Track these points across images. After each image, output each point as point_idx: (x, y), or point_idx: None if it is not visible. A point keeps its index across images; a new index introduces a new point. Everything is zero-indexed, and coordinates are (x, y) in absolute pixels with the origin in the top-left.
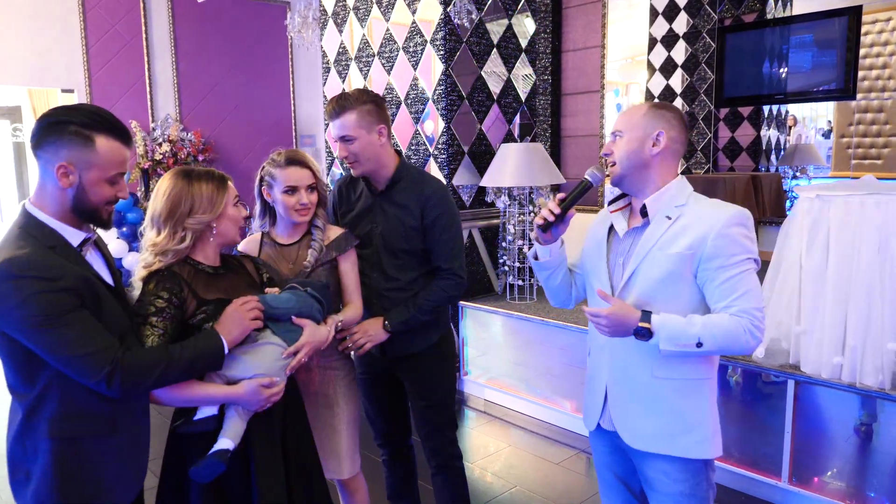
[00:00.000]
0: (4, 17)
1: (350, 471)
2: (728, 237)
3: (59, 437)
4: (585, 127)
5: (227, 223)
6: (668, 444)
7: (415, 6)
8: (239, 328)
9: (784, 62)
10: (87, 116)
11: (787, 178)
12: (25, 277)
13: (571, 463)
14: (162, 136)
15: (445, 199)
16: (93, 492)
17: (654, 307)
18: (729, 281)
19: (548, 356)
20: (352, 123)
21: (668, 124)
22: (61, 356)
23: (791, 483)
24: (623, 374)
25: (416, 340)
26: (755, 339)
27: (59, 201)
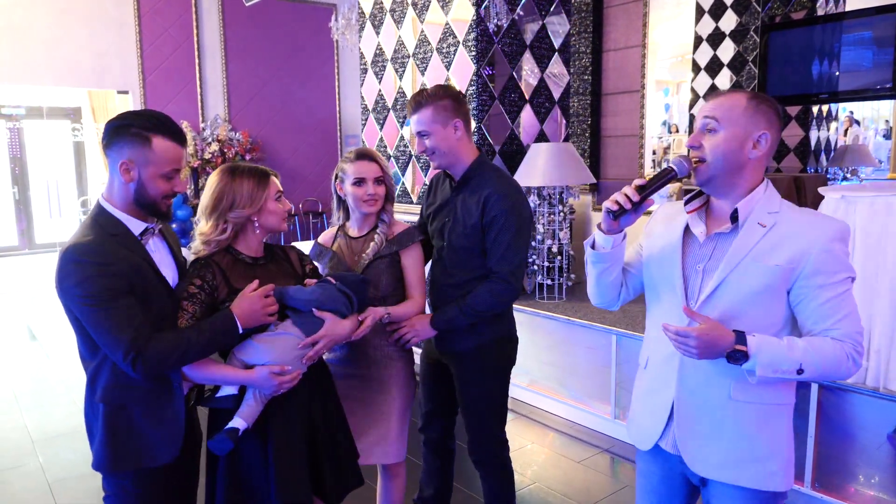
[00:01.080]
0: (65, 22)
1: (396, 456)
2: (832, 253)
3: (110, 403)
4: (626, 127)
5: (269, 216)
6: (737, 473)
7: (448, 7)
8: (251, 315)
9: (830, 60)
10: (146, 119)
11: (836, 179)
12: (84, 261)
13: (593, 462)
14: (211, 136)
15: (507, 201)
16: (137, 451)
17: (740, 324)
18: (831, 301)
19: (574, 355)
20: (427, 118)
21: (770, 124)
22: (100, 335)
23: (814, 489)
24: (695, 394)
25: (461, 339)
26: (857, 366)
27: (124, 195)
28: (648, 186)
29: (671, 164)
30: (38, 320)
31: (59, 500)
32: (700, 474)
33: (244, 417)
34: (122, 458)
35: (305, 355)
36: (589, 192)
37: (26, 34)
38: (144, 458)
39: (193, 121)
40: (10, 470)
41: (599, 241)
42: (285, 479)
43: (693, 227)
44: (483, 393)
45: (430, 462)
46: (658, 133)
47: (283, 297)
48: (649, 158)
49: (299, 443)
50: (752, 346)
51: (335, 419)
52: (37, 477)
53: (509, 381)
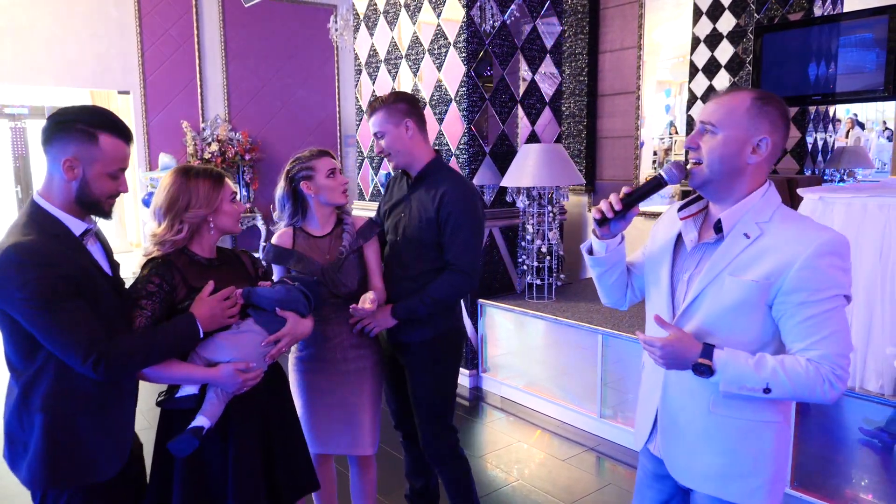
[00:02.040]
0: (67, 22)
1: (370, 447)
2: (816, 269)
3: (51, 413)
4: (622, 128)
5: (224, 217)
6: (718, 487)
7: (440, 8)
8: (212, 318)
9: (824, 62)
10: (92, 115)
11: (833, 181)
12: (27, 263)
13: (578, 460)
14: (211, 136)
15: (461, 198)
16: (80, 465)
17: (717, 338)
18: (811, 319)
19: (563, 355)
20: (381, 120)
21: (773, 127)
22: (53, 339)
23: (793, 488)
24: (677, 404)
25: (412, 330)
26: (834, 390)
27: (65, 193)
28: (634, 195)
29: (661, 171)
30: None
31: None
32: (683, 484)
33: (208, 416)
34: (63, 474)
35: (268, 353)
36: (584, 192)
37: (28, 34)
38: (86, 473)
39: (194, 121)
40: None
41: (595, 247)
42: (243, 483)
43: (685, 234)
44: (435, 383)
45: (413, 456)
46: (659, 134)
47: (251, 296)
48: (650, 160)
49: (256, 446)
50: (717, 361)
51: (290, 422)
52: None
53: (458, 373)
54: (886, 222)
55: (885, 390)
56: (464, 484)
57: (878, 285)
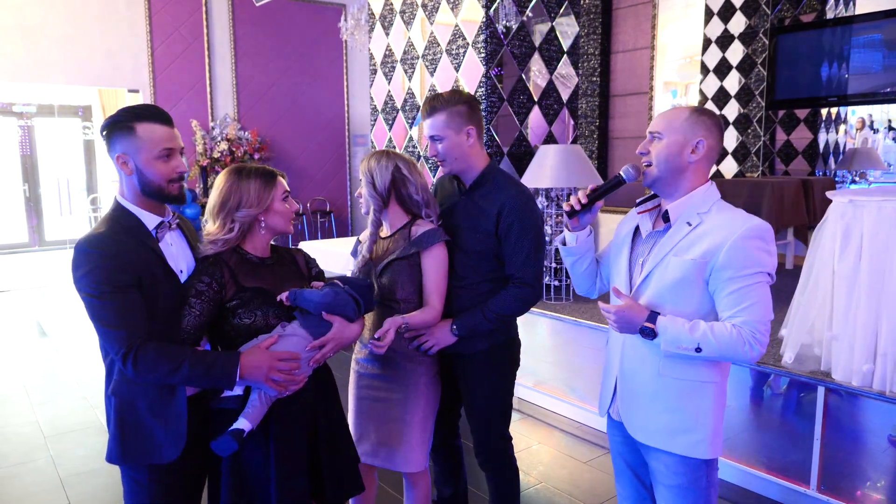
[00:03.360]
0: (77, 21)
1: (418, 465)
2: (742, 249)
3: (119, 397)
4: (634, 128)
5: (275, 217)
6: (668, 441)
7: (458, 8)
8: (257, 371)
9: (839, 63)
10: (127, 111)
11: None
12: (92, 252)
13: (599, 462)
14: (220, 135)
15: (522, 208)
16: (143, 446)
17: (664, 309)
18: (737, 292)
19: (581, 356)
20: (440, 124)
21: (708, 132)
22: (99, 326)
23: (820, 491)
24: (632, 369)
25: (472, 342)
26: (754, 351)
27: (131, 188)
28: (598, 191)
29: (621, 171)
30: (48, 316)
31: (70, 495)
32: (638, 440)
33: (249, 419)
34: (130, 452)
35: (312, 358)
36: None
37: (38, 33)
38: (150, 454)
39: (203, 120)
40: (22, 465)
41: (567, 238)
42: (285, 484)
43: (641, 225)
44: (493, 394)
45: (441, 463)
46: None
47: (297, 298)
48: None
49: (301, 447)
50: (659, 325)
51: (337, 425)
52: (48, 472)
53: (514, 382)
54: None
55: None
56: (512, 492)
57: None
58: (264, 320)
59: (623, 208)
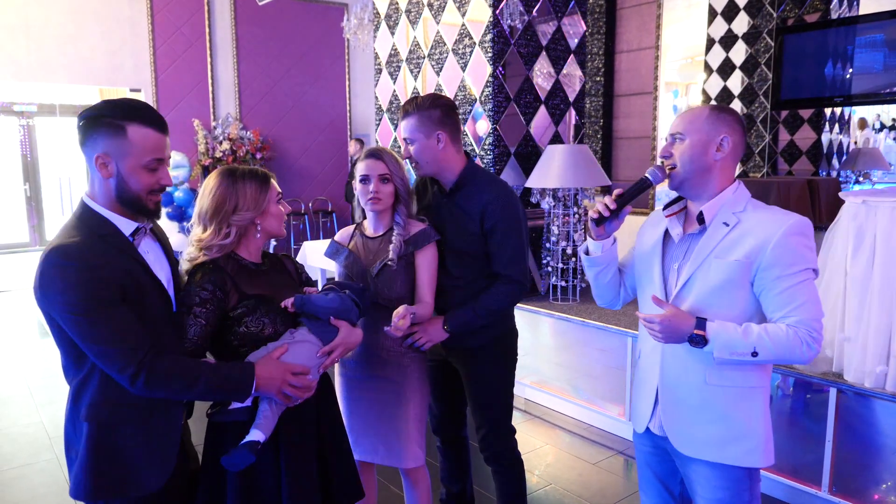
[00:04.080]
0: (79, 20)
1: (414, 461)
2: (787, 247)
3: (95, 422)
4: (638, 128)
5: (271, 219)
6: (718, 452)
7: (464, 8)
8: (270, 383)
9: (845, 63)
10: (118, 108)
11: (849, 182)
12: (71, 265)
13: (608, 464)
14: (222, 135)
15: (505, 207)
16: (123, 475)
17: (708, 314)
18: (787, 291)
19: (589, 358)
20: (411, 126)
21: (730, 129)
22: (94, 346)
23: (832, 493)
24: (675, 380)
25: (472, 337)
26: (812, 350)
27: (105, 192)
28: (626, 195)
29: (646, 173)
30: None
31: None
32: (685, 454)
33: (262, 429)
34: (104, 486)
35: (322, 364)
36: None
37: (40, 32)
38: (129, 485)
39: (205, 119)
40: (27, 465)
41: (591, 248)
42: (298, 491)
43: (671, 229)
44: (495, 387)
45: (450, 460)
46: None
47: (305, 304)
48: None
49: (310, 453)
50: (710, 331)
51: (339, 428)
52: (53, 472)
53: (515, 372)
54: None
55: None
56: (518, 485)
57: None
58: (273, 327)
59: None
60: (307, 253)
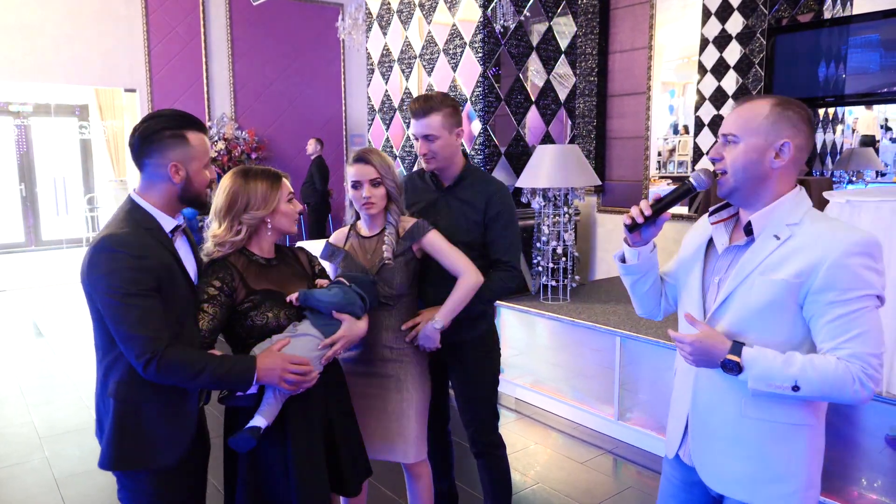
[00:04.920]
0: (74, 20)
1: (416, 456)
2: (846, 268)
3: (121, 399)
4: (631, 129)
5: (281, 218)
6: (750, 492)
7: (455, 8)
8: (271, 373)
9: (836, 63)
10: (174, 120)
11: (841, 183)
12: (119, 252)
13: (596, 463)
14: (218, 135)
15: (507, 198)
16: (144, 450)
17: (748, 338)
18: (841, 318)
19: (579, 357)
20: (437, 124)
21: (794, 130)
22: (119, 330)
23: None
24: (708, 408)
25: (462, 330)
26: (866, 390)
27: (167, 193)
28: (664, 200)
29: (690, 177)
30: (45, 317)
31: (65, 495)
32: (714, 489)
33: (265, 416)
34: (127, 458)
35: (324, 356)
36: (594, 193)
37: (36, 32)
38: (149, 458)
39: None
40: (18, 465)
41: (627, 255)
42: (305, 480)
43: (716, 238)
44: (486, 381)
45: (437, 456)
46: (664, 135)
47: (308, 299)
48: (654, 160)
49: (318, 441)
50: (745, 358)
51: (349, 415)
52: (43, 472)
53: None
54: None
55: None
56: (506, 475)
57: None
58: (276, 321)
59: (625, 209)
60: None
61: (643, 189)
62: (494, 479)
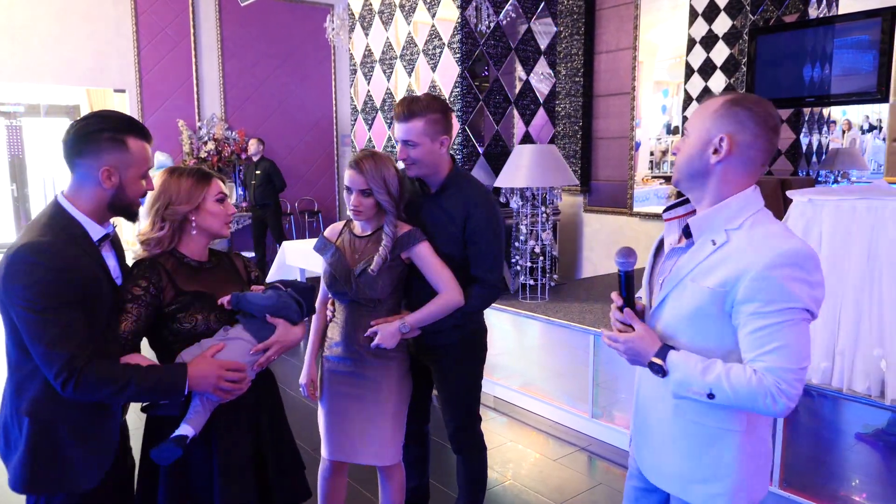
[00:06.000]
0: (64, 20)
1: (392, 458)
2: (769, 280)
3: (36, 418)
4: (617, 129)
5: (208, 217)
6: (682, 489)
7: (434, 9)
8: (204, 381)
9: (816, 64)
10: (116, 122)
11: (827, 183)
12: (40, 263)
13: (569, 460)
14: (208, 135)
15: (489, 214)
16: (59, 474)
17: (679, 341)
18: (762, 331)
19: (556, 355)
20: (418, 130)
21: (738, 126)
22: (36, 346)
23: (782, 488)
24: (647, 404)
25: (440, 335)
26: (778, 405)
27: (97, 199)
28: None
29: (616, 265)
30: None
31: None
32: (652, 482)
33: (192, 425)
34: (41, 481)
35: (257, 361)
36: (580, 193)
37: (25, 32)
38: (66, 482)
39: (190, 119)
40: None
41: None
42: (229, 488)
43: (666, 236)
44: (467, 383)
45: (412, 454)
46: (657, 135)
47: (240, 301)
48: (646, 160)
49: (244, 449)
50: (669, 362)
51: (281, 429)
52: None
53: (484, 365)
54: (874, 225)
55: (872, 391)
56: (482, 470)
57: (865, 287)
58: (205, 324)
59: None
60: (287, 252)
61: (628, 189)
62: (470, 479)
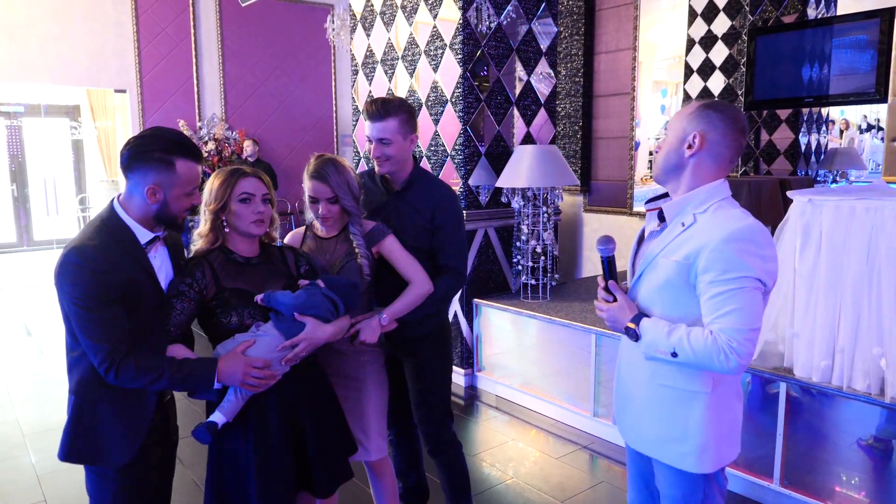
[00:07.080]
0: (64, 21)
1: (377, 453)
2: (723, 252)
3: (80, 396)
4: (617, 129)
5: (231, 217)
6: (658, 450)
7: (436, 10)
8: (232, 376)
9: (815, 65)
10: (167, 143)
11: (826, 182)
12: (84, 266)
13: (571, 458)
14: (208, 135)
15: (454, 204)
16: (95, 449)
17: (654, 311)
18: (719, 296)
19: (557, 354)
20: (393, 128)
21: (709, 126)
22: (84, 337)
23: (783, 485)
24: (627, 374)
25: (411, 328)
26: (730, 361)
27: (144, 211)
28: (607, 279)
29: (598, 252)
30: (34, 317)
31: (46, 492)
32: (631, 446)
33: (224, 413)
34: (78, 453)
35: (285, 357)
36: (580, 193)
37: (25, 32)
38: (98, 457)
39: (190, 120)
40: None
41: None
42: (265, 475)
43: (647, 224)
44: (441, 372)
45: (403, 452)
46: (656, 134)
47: (270, 300)
48: (646, 160)
49: (280, 439)
50: (641, 326)
51: (326, 416)
52: (26, 470)
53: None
54: (873, 225)
55: (872, 390)
56: (461, 468)
57: (865, 287)
58: (239, 321)
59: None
60: None
61: (628, 189)
62: (451, 479)
